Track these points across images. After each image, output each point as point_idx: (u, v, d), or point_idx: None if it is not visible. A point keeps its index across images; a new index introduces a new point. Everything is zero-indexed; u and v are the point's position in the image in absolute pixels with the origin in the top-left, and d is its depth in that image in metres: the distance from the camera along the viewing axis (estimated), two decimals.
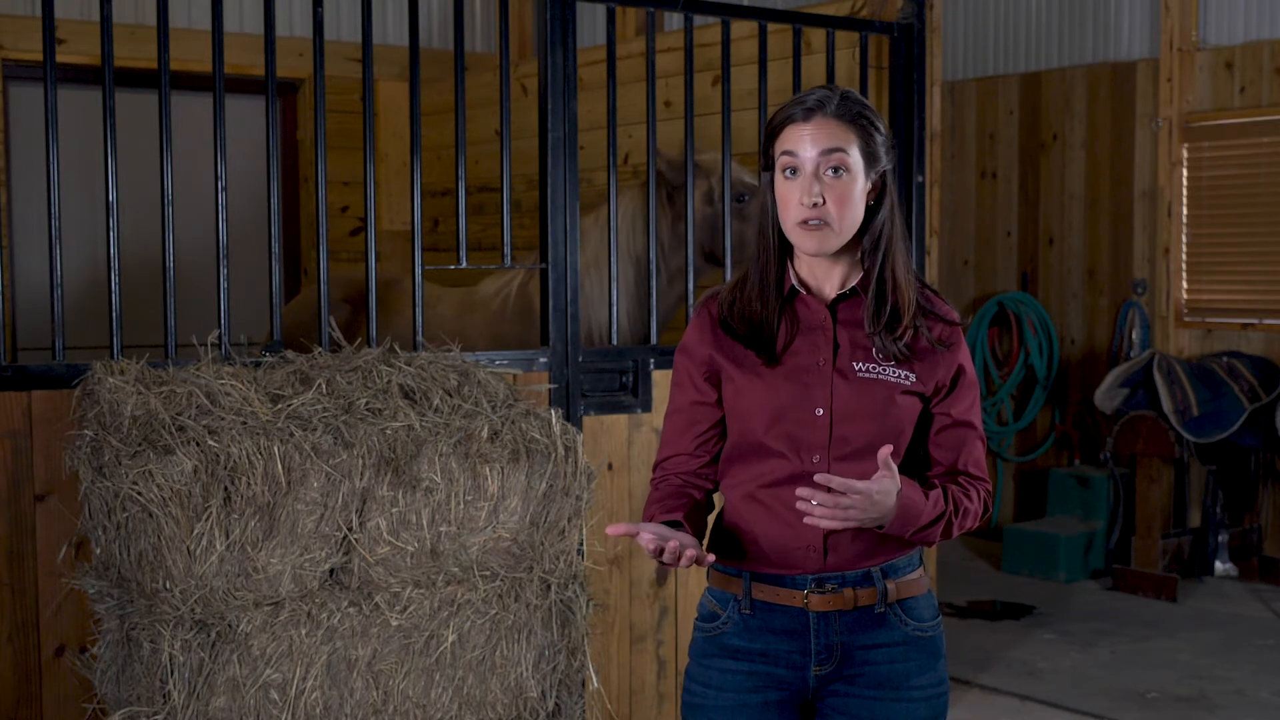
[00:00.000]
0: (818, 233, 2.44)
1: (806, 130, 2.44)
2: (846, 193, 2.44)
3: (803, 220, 2.44)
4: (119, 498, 3.15)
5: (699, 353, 2.57)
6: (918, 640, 2.53)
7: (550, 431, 3.55)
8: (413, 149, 4.20)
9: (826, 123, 2.44)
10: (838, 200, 2.43)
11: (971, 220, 9.06)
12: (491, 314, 5.24)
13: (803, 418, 2.47)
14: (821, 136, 2.43)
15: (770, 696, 2.52)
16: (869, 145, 2.46)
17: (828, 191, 2.43)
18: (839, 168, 2.43)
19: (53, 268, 3.75)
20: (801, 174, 2.44)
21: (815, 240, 2.45)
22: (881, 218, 2.50)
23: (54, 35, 3.76)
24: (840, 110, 2.45)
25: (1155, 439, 7.31)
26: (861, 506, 2.33)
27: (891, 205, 2.51)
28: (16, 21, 6.97)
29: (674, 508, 2.53)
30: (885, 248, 2.50)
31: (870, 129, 2.47)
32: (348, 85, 7.45)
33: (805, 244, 2.46)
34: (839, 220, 2.44)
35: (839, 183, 2.43)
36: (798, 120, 2.46)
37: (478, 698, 3.47)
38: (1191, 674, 5.90)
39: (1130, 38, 8.27)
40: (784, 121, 2.48)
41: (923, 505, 2.42)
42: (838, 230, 2.45)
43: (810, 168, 2.43)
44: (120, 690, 3.33)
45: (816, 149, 2.43)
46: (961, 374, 2.54)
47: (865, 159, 2.46)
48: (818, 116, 2.44)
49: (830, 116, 2.44)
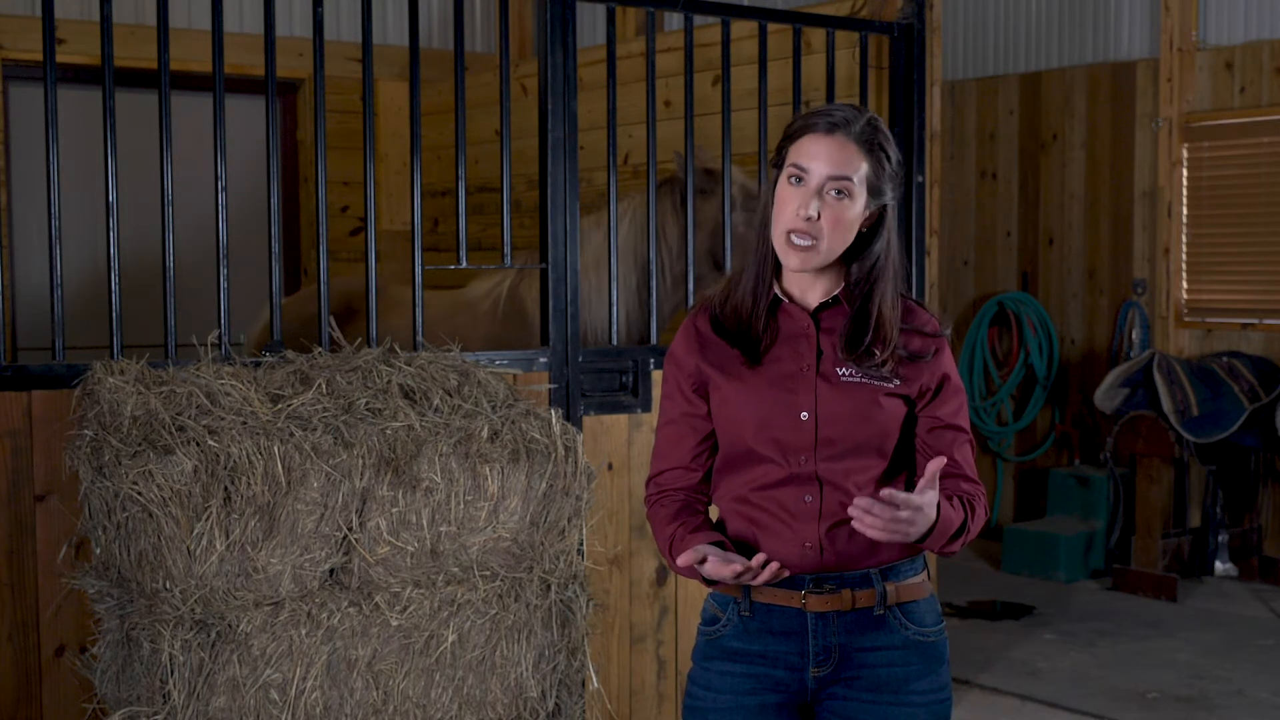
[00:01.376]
0: (803, 251, 2.45)
1: (823, 146, 2.44)
2: (842, 216, 2.45)
3: (793, 229, 2.44)
4: (119, 498, 3.15)
5: (686, 364, 2.59)
6: (918, 644, 2.52)
7: (550, 431, 3.55)
8: (413, 149, 4.20)
9: (846, 145, 2.45)
10: (832, 222, 2.44)
11: (971, 220, 9.06)
12: (481, 315, 5.23)
13: (788, 422, 2.48)
14: (837, 158, 2.44)
15: (768, 699, 2.52)
16: (876, 177, 2.47)
17: (826, 210, 2.44)
18: (843, 192, 2.44)
19: (53, 268, 3.75)
20: (806, 186, 2.45)
21: (799, 258, 2.46)
22: (876, 250, 2.51)
23: (54, 35, 3.76)
24: (862, 134, 2.46)
25: (1155, 439, 7.30)
26: (914, 521, 2.33)
27: (888, 240, 2.51)
28: (16, 21, 6.97)
29: (700, 525, 2.54)
30: (874, 282, 2.51)
31: (883, 159, 2.48)
32: (348, 85, 7.45)
33: (789, 260, 2.47)
34: (828, 239, 2.45)
35: (838, 205, 2.45)
36: (819, 131, 2.46)
37: (478, 698, 3.47)
38: (1191, 674, 5.90)
39: (1130, 38, 8.27)
40: (804, 129, 2.48)
41: (954, 516, 2.43)
42: (822, 250, 2.46)
43: (816, 183, 2.44)
44: (120, 690, 3.32)
45: (827, 170, 2.44)
46: (946, 380, 2.55)
47: (869, 187, 2.47)
48: (840, 134, 2.45)
49: (851, 139, 2.45)
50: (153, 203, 3.94)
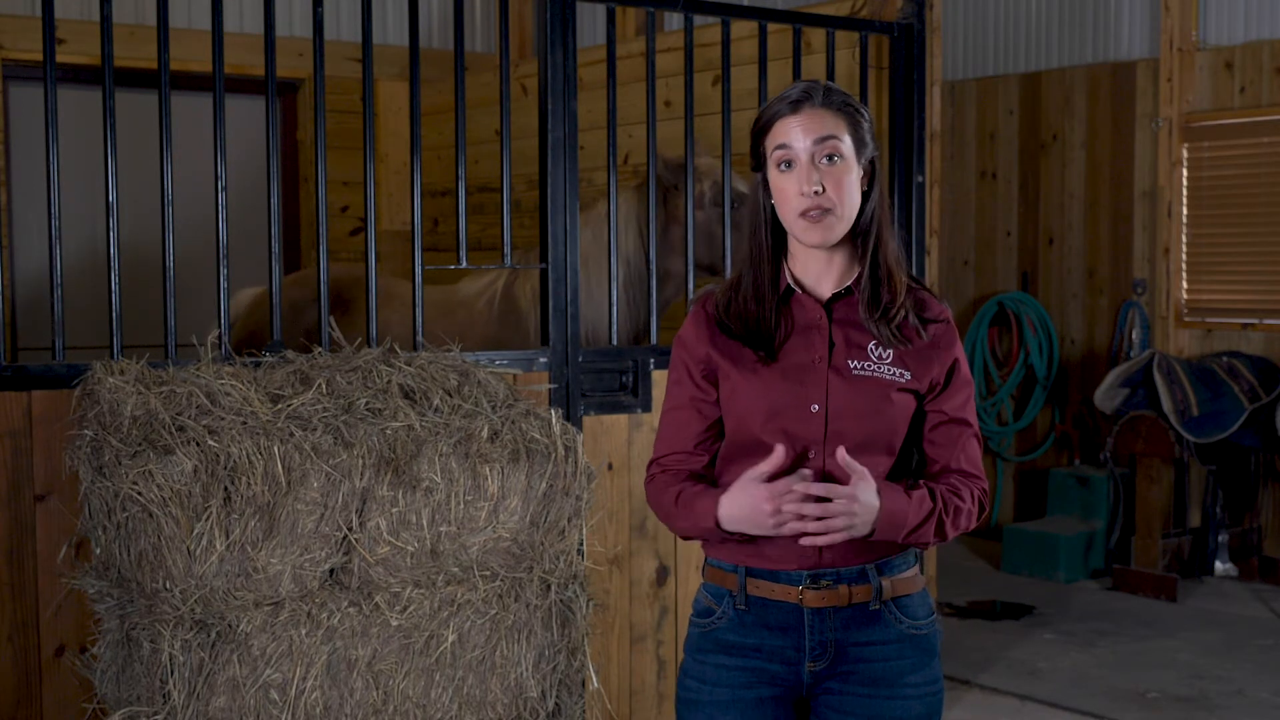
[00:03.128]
0: (821, 223, 2.44)
1: (796, 121, 2.45)
2: (843, 179, 2.45)
3: (805, 210, 2.44)
4: (119, 498, 3.15)
5: (697, 350, 2.57)
6: (912, 638, 2.53)
7: (550, 431, 3.55)
8: (413, 149, 4.20)
9: (816, 112, 2.45)
10: (836, 186, 2.44)
11: (971, 220, 9.06)
12: (475, 315, 5.23)
13: (798, 414, 2.47)
14: (813, 125, 2.44)
15: (764, 692, 2.52)
16: (858, 132, 2.48)
17: (826, 179, 2.44)
18: (834, 155, 2.45)
19: (53, 268, 3.75)
20: (798, 165, 2.44)
21: (819, 231, 2.45)
22: (872, 205, 2.52)
23: (54, 35, 3.76)
24: (827, 100, 2.47)
25: (1155, 439, 7.30)
26: (849, 511, 2.35)
27: (881, 192, 2.53)
28: (16, 21, 6.97)
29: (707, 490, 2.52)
30: (876, 234, 2.51)
31: (857, 116, 2.49)
32: (348, 85, 7.46)
33: (809, 236, 2.46)
34: (840, 206, 2.45)
35: (835, 169, 2.44)
36: (785, 115, 2.46)
37: (478, 698, 3.47)
38: (1191, 674, 5.90)
39: (1130, 38, 8.27)
40: (772, 118, 2.48)
41: (906, 506, 2.42)
42: (840, 216, 2.45)
43: (806, 157, 2.44)
44: (120, 690, 3.32)
45: (810, 138, 2.44)
46: (956, 371, 2.55)
47: (856, 145, 2.47)
48: (806, 108, 2.46)
49: (819, 107, 2.46)
50: (152, 203, 3.94)
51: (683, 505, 2.51)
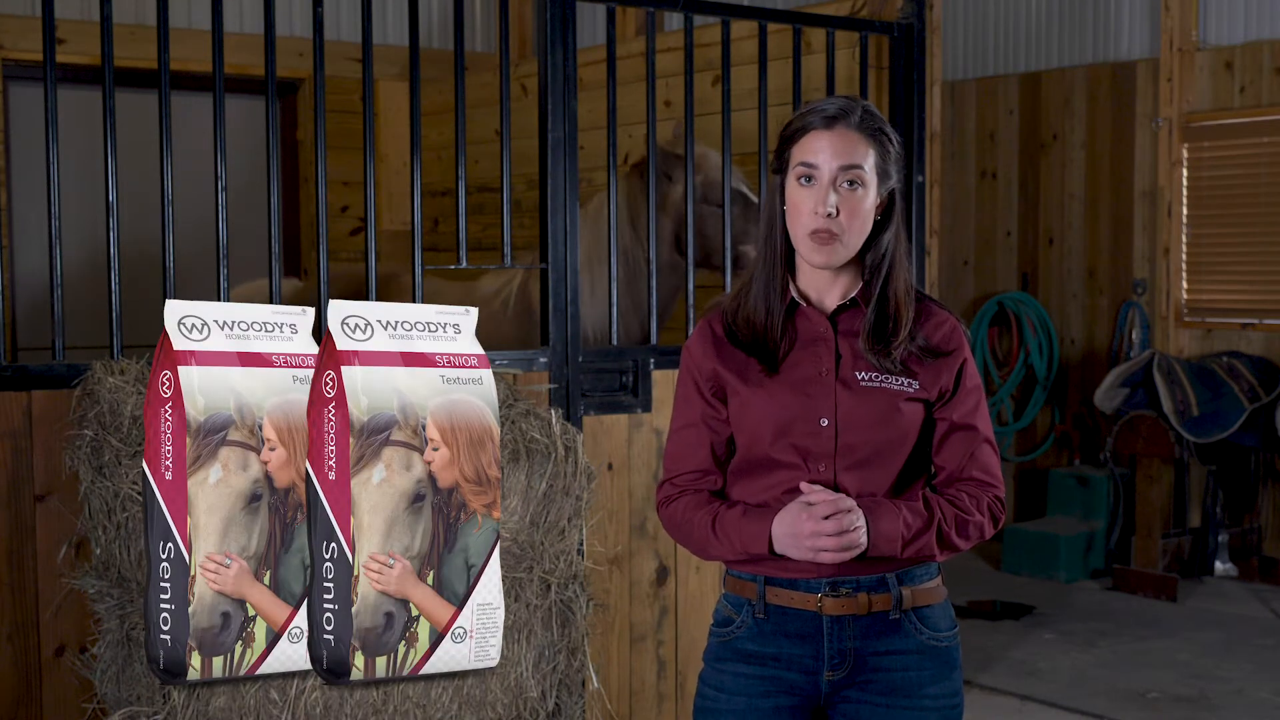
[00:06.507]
0: (827, 246, 2.43)
1: (827, 141, 2.43)
2: (859, 207, 2.44)
3: (814, 231, 2.43)
4: (119, 498, 3.15)
5: (704, 367, 2.57)
6: (933, 649, 2.52)
7: (550, 431, 3.55)
8: (413, 149, 4.20)
9: (848, 135, 2.44)
10: (850, 214, 2.43)
11: (971, 220, 9.06)
12: (492, 313, 5.23)
13: (808, 429, 2.46)
14: (843, 149, 2.43)
15: (782, 701, 2.51)
16: (884, 162, 2.46)
17: (842, 204, 2.42)
18: (855, 182, 2.43)
19: (53, 268, 3.75)
20: (818, 184, 2.43)
21: (825, 254, 2.44)
22: (888, 236, 2.50)
23: (54, 35, 3.76)
24: (862, 124, 2.45)
25: (1155, 439, 7.31)
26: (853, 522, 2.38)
27: (897, 223, 2.51)
28: (16, 21, 6.97)
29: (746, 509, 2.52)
30: (889, 266, 2.50)
31: (887, 144, 2.47)
32: (348, 85, 7.45)
33: (814, 257, 2.45)
34: (849, 234, 2.44)
35: (853, 196, 2.43)
36: (818, 128, 2.44)
37: (478, 698, 3.47)
38: (1191, 674, 5.90)
39: (1130, 38, 8.28)
40: (804, 128, 2.46)
41: (897, 520, 2.43)
42: (847, 244, 2.45)
43: (828, 179, 2.42)
44: (120, 690, 3.32)
45: (837, 161, 2.42)
46: (964, 378, 2.53)
47: (879, 174, 2.46)
48: (840, 126, 2.44)
49: (852, 129, 2.44)
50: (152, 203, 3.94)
51: (723, 529, 2.50)
